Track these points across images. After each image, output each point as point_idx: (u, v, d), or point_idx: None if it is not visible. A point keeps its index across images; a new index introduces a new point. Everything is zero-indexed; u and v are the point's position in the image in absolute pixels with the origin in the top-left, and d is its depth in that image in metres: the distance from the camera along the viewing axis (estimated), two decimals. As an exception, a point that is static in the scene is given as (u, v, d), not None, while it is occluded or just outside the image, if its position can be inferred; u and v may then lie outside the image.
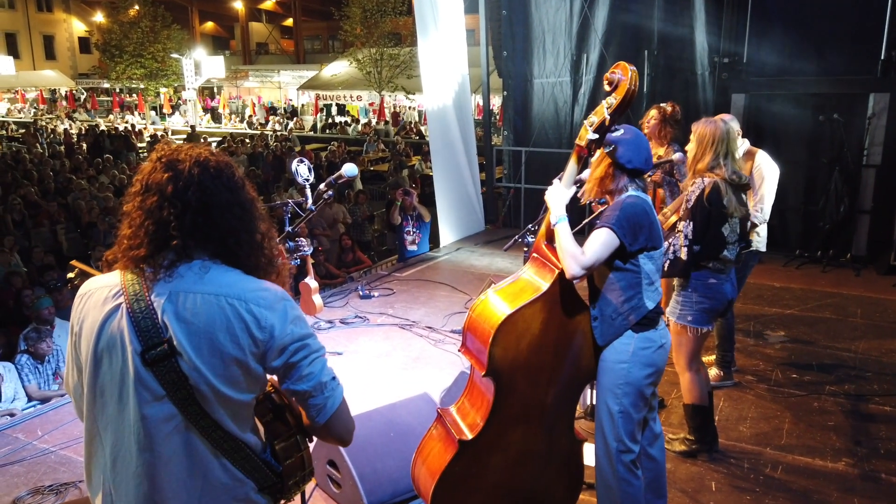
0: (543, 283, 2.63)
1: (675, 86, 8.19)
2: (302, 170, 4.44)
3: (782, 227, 7.97)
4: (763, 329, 5.65)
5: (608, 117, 2.54)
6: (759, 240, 4.58)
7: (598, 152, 2.73)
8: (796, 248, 7.69)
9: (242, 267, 1.59)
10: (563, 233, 2.61)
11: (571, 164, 2.69)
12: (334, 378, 1.63)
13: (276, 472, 1.64)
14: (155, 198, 1.53)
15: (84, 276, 2.09)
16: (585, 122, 2.59)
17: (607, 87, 2.56)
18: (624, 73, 2.53)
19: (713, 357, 4.71)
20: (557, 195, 2.69)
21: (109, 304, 1.54)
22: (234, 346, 1.50)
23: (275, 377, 1.64)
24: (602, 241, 2.57)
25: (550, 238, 2.68)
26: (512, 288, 2.70)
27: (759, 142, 7.68)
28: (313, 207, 3.21)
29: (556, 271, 2.61)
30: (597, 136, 2.57)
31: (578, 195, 2.80)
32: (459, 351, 2.82)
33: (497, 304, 2.64)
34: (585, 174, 2.93)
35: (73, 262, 2.17)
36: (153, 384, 1.49)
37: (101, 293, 1.56)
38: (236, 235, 1.58)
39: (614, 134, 2.63)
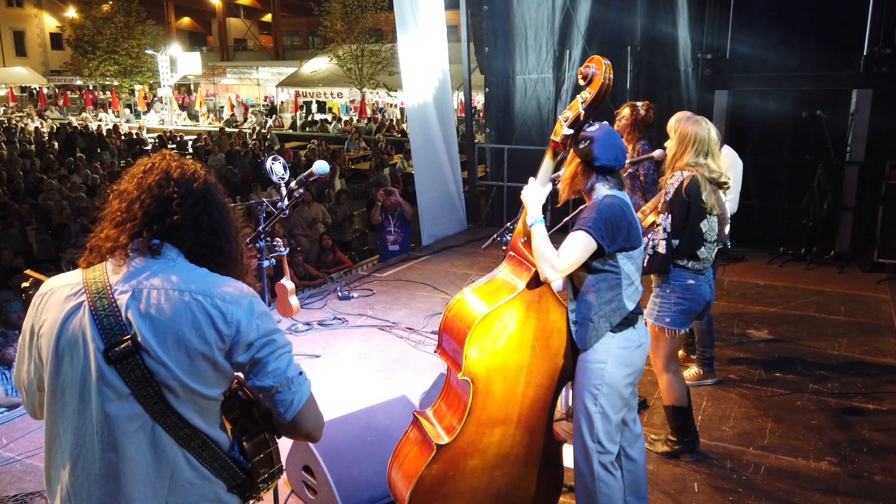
0: (520, 282, 2.62)
1: (658, 82, 8.24)
2: (277, 168, 4.42)
3: (766, 224, 8.04)
4: (746, 327, 5.69)
5: (583, 112, 2.54)
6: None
7: (571, 152, 2.73)
8: (780, 245, 7.76)
9: (222, 265, 1.64)
10: (539, 235, 2.60)
11: (547, 161, 2.68)
12: (301, 373, 1.63)
13: (244, 470, 1.64)
14: (159, 177, 1.60)
15: (38, 284, 2.07)
16: (560, 117, 2.59)
17: (581, 82, 2.56)
18: (598, 67, 2.53)
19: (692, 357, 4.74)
20: (533, 195, 2.68)
21: (71, 302, 1.54)
22: (201, 341, 1.51)
23: (240, 374, 1.65)
24: (579, 244, 2.56)
25: (528, 236, 2.67)
26: (488, 287, 2.69)
27: (742, 138, 7.78)
28: (284, 206, 3.18)
29: (533, 270, 2.61)
30: (571, 131, 2.57)
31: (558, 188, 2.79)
32: (435, 352, 2.81)
33: (473, 304, 2.63)
34: (563, 170, 2.92)
35: (28, 272, 2.14)
36: (117, 382, 1.49)
37: (62, 291, 1.57)
38: (227, 233, 1.65)
39: (589, 129, 2.63)
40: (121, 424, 1.50)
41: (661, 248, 3.44)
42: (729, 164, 4.56)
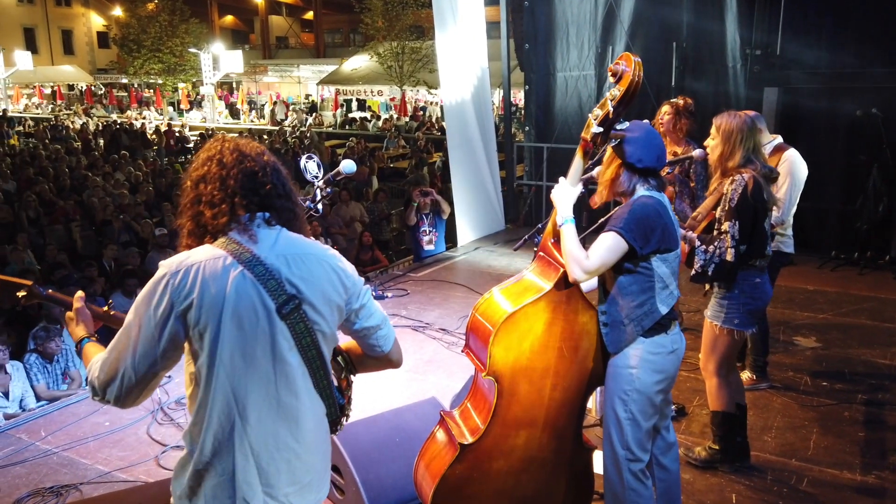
0: (547, 283, 2.62)
1: (705, 79, 8.09)
2: (311, 167, 4.47)
3: (817, 227, 7.83)
4: (793, 334, 5.56)
5: (612, 110, 2.51)
6: (785, 240, 4.50)
7: (608, 153, 2.70)
8: (832, 249, 7.55)
9: (298, 228, 1.89)
10: (569, 235, 2.59)
11: (577, 160, 2.67)
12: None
13: (340, 406, 1.94)
14: (236, 154, 1.81)
15: (33, 292, 2.17)
16: (590, 115, 2.58)
17: (612, 79, 2.54)
18: (628, 64, 2.50)
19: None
20: (564, 195, 2.67)
21: (233, 272, 1.73)
22: (337, 294, 1.84)
23: None
24: (608, 245, 2.55)
25: (558, 236, 2.66)
26: (516, 287, 2.69)
27: (793, 138, 7.54)
28: (312, 205, 3.23)
29: (561, 270, 2.60)
30: (601, 129, 2.55)
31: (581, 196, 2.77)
32: (462, 352, 2.82)
33: (499, 303, 2.64)
34: (597, 170, 2.90)
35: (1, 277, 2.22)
36: (287, 334, 1.76)
37: (214, 264, 1.73)
38: (297, 198, 1.90)
39: (623, 128, 2.61)
40: (294, 370, 1.78)
41: (730, 256, 3.33)
42: (787, 170, 4.43)
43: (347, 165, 3.25)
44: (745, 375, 4.62)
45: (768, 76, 7.65)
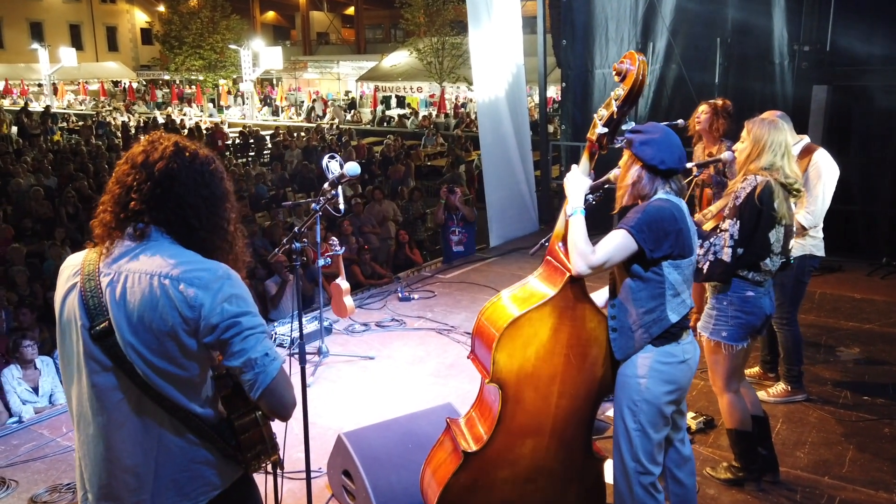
0: (552, 288, 2.61)
1: (750, 77, 7.92)
2: (333, 167, 4.53)
3: (868, 232, 7.62)
4: (836, 345, 5.41)
5: (616, 110, 2.50)
6: (816, 243, 4.39)
7: (625, 156, 2.68)
8: (883, 255, 7.33)
9: (200, 245, 1.76)
10: (577, 226, 2.57)
11: (583, 161, 2.67)
12: (267, 354, 1.73)
13: (229, 444, 1.81)
14: (126, 166, 1.79)
15: None
16: (595, 116, 2.56)
17: (616, 78, 2.52)
18: (632, 63, 2.48)
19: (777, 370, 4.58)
20: (577, 184, 2.65)
21: (70, 282, 1.78)
22: (163, 323, 1.67)
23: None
24: (616, 242, 2.52)
25: (565, 240, 2.65)
26: (522, 292, 2.69)
27: (843, 138, 7.40)
28: (317, 207, 3.27)
29: (567, 275, 2.59)
30: (606, 129, 2.53)
31: (593, 202, 2.75)
32: (468, 357, 2.83)
33: (505, 308, 2.64)
34: (613, 173, 2.88)
35: None
36: (101, 357, 1.72)
37: (68, 270, 1.81)
38: (198, 213, 1.75)
39: (625, 128, 2.59)
40: (106, 393, 1.73)
41: (725, 256, 3.31)
42: (818, 172, 4.33)
43: (351, 167, 3.28)
44: (780, 387, 4.53)
45: (817, 73, 7.45)
